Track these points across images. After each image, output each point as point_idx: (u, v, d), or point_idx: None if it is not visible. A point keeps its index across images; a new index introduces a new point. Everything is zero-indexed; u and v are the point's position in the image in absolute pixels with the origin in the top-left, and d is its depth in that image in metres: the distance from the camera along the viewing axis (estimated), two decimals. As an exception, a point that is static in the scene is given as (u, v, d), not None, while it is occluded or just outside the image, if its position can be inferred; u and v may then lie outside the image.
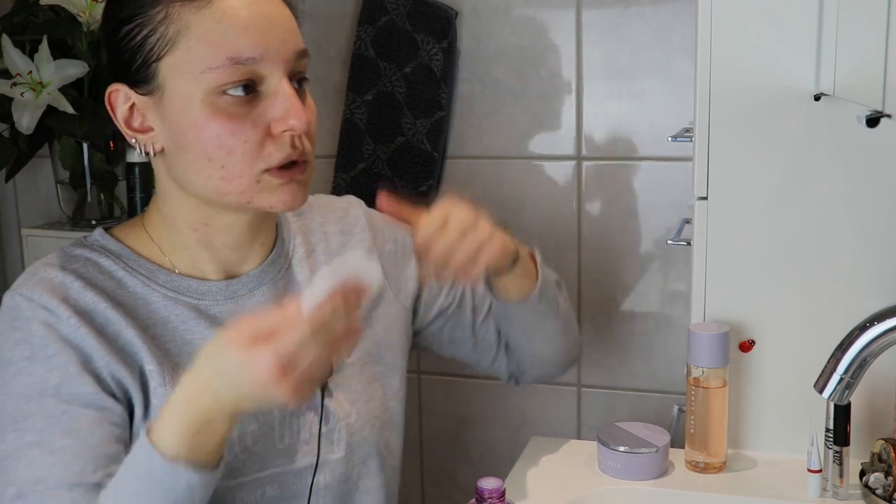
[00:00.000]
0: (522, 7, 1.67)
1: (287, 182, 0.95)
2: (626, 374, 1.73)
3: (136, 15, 0.92)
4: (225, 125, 0.91)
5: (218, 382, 0.81)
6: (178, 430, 0.82)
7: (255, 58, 0.91)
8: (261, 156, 0.93)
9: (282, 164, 0.94)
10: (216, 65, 0.90)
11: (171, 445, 0.82)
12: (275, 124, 0.93)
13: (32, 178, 1.99)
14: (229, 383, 0.81)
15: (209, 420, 0.83)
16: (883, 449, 1.07)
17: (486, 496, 0.87)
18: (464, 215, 1.03)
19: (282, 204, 0.96)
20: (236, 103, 0.92)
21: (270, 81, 0.93)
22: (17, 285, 0.97)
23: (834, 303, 1.13)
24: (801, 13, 1.08)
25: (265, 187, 0.94)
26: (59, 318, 0.93)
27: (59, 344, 0.92)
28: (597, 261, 1.71)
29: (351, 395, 1.08)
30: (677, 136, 1.38)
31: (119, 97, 0.95)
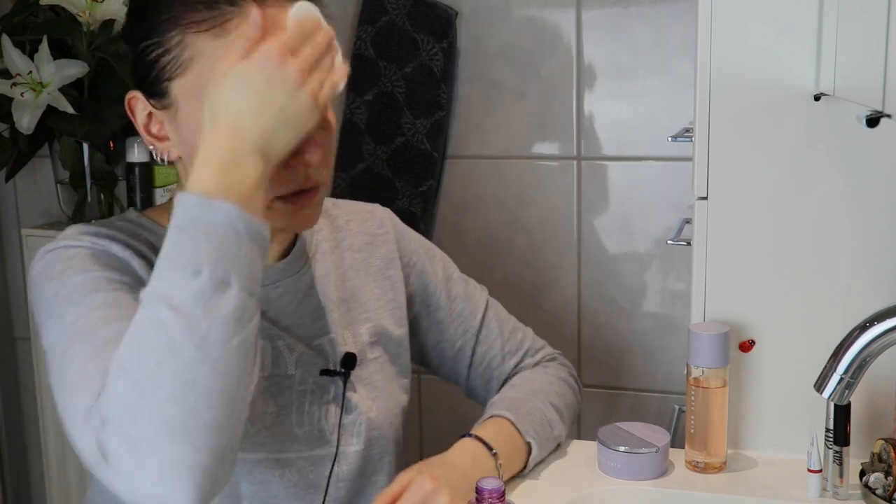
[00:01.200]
0: (522, 7, 1.67)
1: (298, 209, 0.96)
2: (626, 374, 1.73)
3: (152, 34, 0.92)
4: None
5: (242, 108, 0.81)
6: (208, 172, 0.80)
7: None
8: (270, 186, 0.89)
9: (294, 193, 0.94)
10: None
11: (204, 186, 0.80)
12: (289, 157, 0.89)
13: (32, 178, 1.99)
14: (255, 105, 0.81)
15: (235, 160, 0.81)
16: (883, 449, 1.07)
17: (485, 496, 0.87)
18: (419, 492, 0.98)
19: (295, 226, 0.98)
20: None
21: None
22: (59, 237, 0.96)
23: (834, 303, 1.13)
24: (801, 13, 1.08)
25: (277, 213, 0.94)
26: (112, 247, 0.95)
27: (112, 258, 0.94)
28: (597, 261, 1.71)
29: (373, 392, 1.09)
30: (677, 136, 1.38)
31: (138, 104, 0.96)
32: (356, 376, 1.07)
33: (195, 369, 0.76)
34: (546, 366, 1.23)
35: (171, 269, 0.79)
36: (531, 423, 1.11)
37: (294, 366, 1.03)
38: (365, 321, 1.11)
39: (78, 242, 0.95)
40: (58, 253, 0.95)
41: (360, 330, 1.10)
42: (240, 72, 0.82)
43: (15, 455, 2.14)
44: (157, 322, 0.77)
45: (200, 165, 0.81)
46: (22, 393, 2.13)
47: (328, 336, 1.07)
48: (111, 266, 0.93)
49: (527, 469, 1.12)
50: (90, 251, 0.95)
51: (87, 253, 0.94)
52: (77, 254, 0.94)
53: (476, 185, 1.75)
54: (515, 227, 1.75)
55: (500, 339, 1.22)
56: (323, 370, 1.05)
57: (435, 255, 1.22)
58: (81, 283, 0.91)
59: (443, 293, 1.19)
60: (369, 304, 1.12)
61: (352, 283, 1.12)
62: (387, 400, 1.10)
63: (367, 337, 1.11)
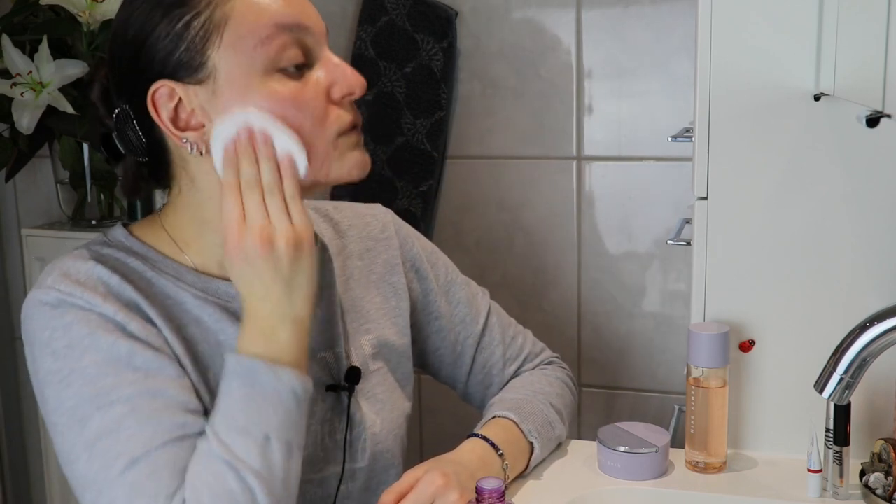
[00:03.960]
0: (522, 7, 1.67)
1: (357, 145, 0.97)
2: (626, 374, 1.74)
3: (174, 5, 0.90)
4: (288, 101, 0.92)
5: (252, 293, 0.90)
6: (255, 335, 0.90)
7: (300, 24, 0.93)
8: (328, 122, 0.94)
9: (351, 127, 0.96)
10: (266, 34, 0.91)
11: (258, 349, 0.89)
12: (334, 88, 0.95)
13: (32, 178, 1.99)
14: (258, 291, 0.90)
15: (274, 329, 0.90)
16: (883, 449, 1.07)
17: (485, 496, 0.87)
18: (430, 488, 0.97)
19: (358, 168, 0.98)
20: (291, 79, 0.92)
21: (316, 53, 0.95)
22: (50, 283, 0.92)
23: (834, 303, 1.13)
24: (801, 13, 1.08)
25: (342, 151, 0.96)
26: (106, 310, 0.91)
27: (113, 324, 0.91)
28: (597, 261, 1.71)
29: (376, 405, 1.07)
30: (677, 136, 1.38)
31: (163, 95, 0.91)
32: (359, 390, 1.05)
33: None
34: (544, 368, 1.23)
35: (244, 436, 0.87)
36: (533, 424, 1.11)
37: None
38: (366, 332, 1.09)
39: (71, 297, 0.91)
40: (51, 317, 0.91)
41: (362, 341, 1.08)
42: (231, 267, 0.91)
43: (15, 455, 2.14)
44: (241, 488, 0.86)
45: (251, 326, 0.90)
46: (22, 393, 2.13)
47: (333, 349, 1.04)
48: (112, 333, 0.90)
49: (528, 469, 1.12)
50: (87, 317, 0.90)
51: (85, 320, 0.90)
52: (75, 322, 0.90)
53: (476, 185, 1.75)
54: (515, 227, 1.75)
55: (502, 346, 1.21)
56: (329, 386, 1.02)
57: (437, 260, 1.20)
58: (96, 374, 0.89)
59: (444, 299, 1.18)
60: (371, 315, 1.10)
61: (353, 292, 1.09)
62: (391, 411, 1.09)
63: (369, 348, 1.08)
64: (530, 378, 1.20)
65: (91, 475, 0.87)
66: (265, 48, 0.91)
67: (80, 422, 0.88)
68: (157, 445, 0.86)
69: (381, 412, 1.07)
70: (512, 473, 1.08)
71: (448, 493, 0.96)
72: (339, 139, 0.95)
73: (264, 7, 0.91)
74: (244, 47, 0.90)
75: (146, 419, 0.87)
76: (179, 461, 0.87)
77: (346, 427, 1.03)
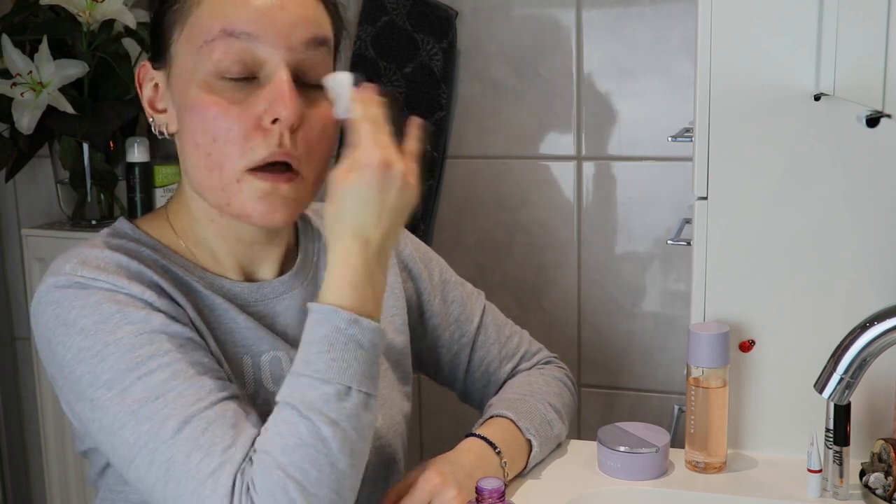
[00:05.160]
0: (522, 7, 1.67)
1: (270, 189, 0.91)
2: (626, 374, 1.74)
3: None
4: (213, 108, 0.89)
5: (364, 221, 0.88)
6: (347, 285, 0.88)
7: (250, 33, 0.89)
8: (244, 149, 0.89)
9: (265, 164, 0.90)
10: (211, 37, 0.89)
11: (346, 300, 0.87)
12: (263, 114, 0.89)
13: (32, 178, 1.99)
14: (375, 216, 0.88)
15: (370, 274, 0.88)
16: (883, 449, 1.07)
17: (485, 496, 0.87)
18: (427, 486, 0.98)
19: (258, 215, 0.92)
20: (232, 88, 0.90)
21: (269, 67, 0.90)
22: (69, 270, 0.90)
23: (834, 303, 1.13)
24: (801, 13, 1.08)
25: (245, 190, 0.91)
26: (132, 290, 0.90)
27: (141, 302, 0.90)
28: (597, 261, 1.71)
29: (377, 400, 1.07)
30: (677, 136, 1.38)
31: (146, 74, 0.97)
32: None
33: (346, 480, 0.85)
34: (542, 368, 1.23)
35: (326, 384, 0.85)
36: (531, 423, 1.11)
37: None
38: None
39: (95, 282, 0.89)
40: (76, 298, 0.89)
41: None
42: (353, 186, 0.87)
43: (15, 455, 2.14)
44: (319, 437, 0.83)
45: (339, 277, 0.88)
46: (22, 393, 2.13)
47: None
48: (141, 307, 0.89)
49: (527, 468, 1.12)
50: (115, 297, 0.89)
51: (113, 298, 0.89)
52: (103, 301, 0.88)
53: (476, 185, 1.75)
54: (515, 227, 1.75)
55: (498, 345, 1.21)
56: None
57: (431, 260, 1.20)
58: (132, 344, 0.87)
59: (438, 298, 1.18)
60: None
61: None
62: (390, 408, 1.09)
63: None
64: (528, 378, 1.20)
65: (142, 440, 0.85)
66: (206, 51, 0.90)
67: (121, 392, 0.86)
68: (206, 405, 0.86)
69: (382, 408, 1.08)
70: (511, 472, 1.08)
71: (445, 490, 0.96)
72: (246, 174, 0.90)
73: (220, 10, 0.90)
74: (192, 46, 0.91)
75: (190, 381, 0.86)
76: (230, 417, 0.86)
77: None
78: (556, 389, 1.19)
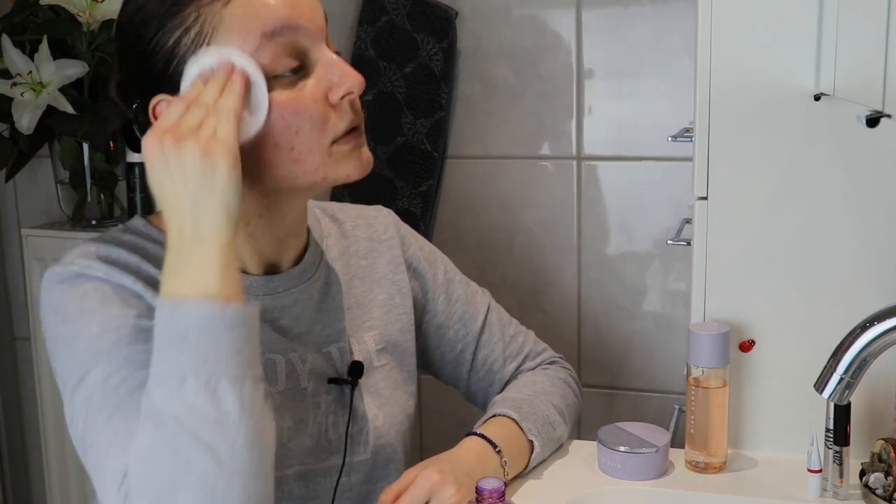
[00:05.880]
0: (522, 7, 1.67)
1: (356, 147, 0.95)
2: (626, 375, 1.74)
3: (165, 20, 0.90)
4: (286, 107, 0.91)
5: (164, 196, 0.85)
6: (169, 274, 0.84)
7: (290, 27, 0.90)
8: (326, 129, 0.93)
9: (347, 131, 0.94)
10: (255, 45, 0.89)
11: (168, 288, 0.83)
12: (333, 91, 0.93)
13: (32, 178, 1.99)
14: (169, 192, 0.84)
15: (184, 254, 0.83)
16: (883, 449, 1.07)
17: (485, 496, 0.87)
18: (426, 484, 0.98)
19: (358, 170, 0.96)
20: (287, 83, 0.91)
21: (313, 54, 0.93)
22: (69, 260, 0.94)
23: (834, 303, 1.13)
24: (801, 13, 1.08)
25: (337, 158, 0.94)
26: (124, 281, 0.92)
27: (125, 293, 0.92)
28: (597, 261, 1.71)
29: (379, 399, 1.09)
30: (677, 136, 1.38)
31: (163, 108, 0.92)
32: (363, 385, 1.06)
33: (211, 479, 0.78)
34: (546, 368, 1.23)
35: (161, 381, 0.81)
36: (534, 423, 1.11)
37: (307, 378, 1.02)
38: (369, 329, 1.10)
39: (91, 271, 0.92)
40: (71, 286, 0.92)
41: (366, 338, 1.09)
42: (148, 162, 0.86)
43: (15, 455, 2.14)
44: (162, 440, 0.79)
45: (165, 267, 0.85)
46: (22, 393, 2.13)
47: (337, 344, 1.06)
48: (126, 303, 0.91)
49: (528, 468, 1.12)
50: (103, 288, 0.92)
51: (101, 290, 0.92)
52: (91, 290, 0.92)
53: (476, 185, 1.75)
54: (515, 227, 1.75)
55: (502, 344, 1.21)
56: (331, 378, 1.04)
57: (436, 259, 1.21)
58: (98, 334, 0.89)
59: (443, 297, 1.19)
60: (374, 312, 1.11)
61: (357, 290, 1.11)
62: (393, 407, 1.10)
63: (373, 345, 1.10)
64: (532, 378, 1.20)
65: (81, 429, 0.87)
66: (257, 58, 0.90)
67: (80, 379, 0.88)
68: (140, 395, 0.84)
69: (384, 407, 1.08)
70: (511, 472, 1.08)
71: (444, 488, 0.97)
72: (334, 146, 0.94)
73: (251, 16, 0.89)
74: None
75: (136, 370, 0.87)
76: None
77: (349, 420, 1.04)
78: (560, 390, 1.19)
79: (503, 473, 1.06)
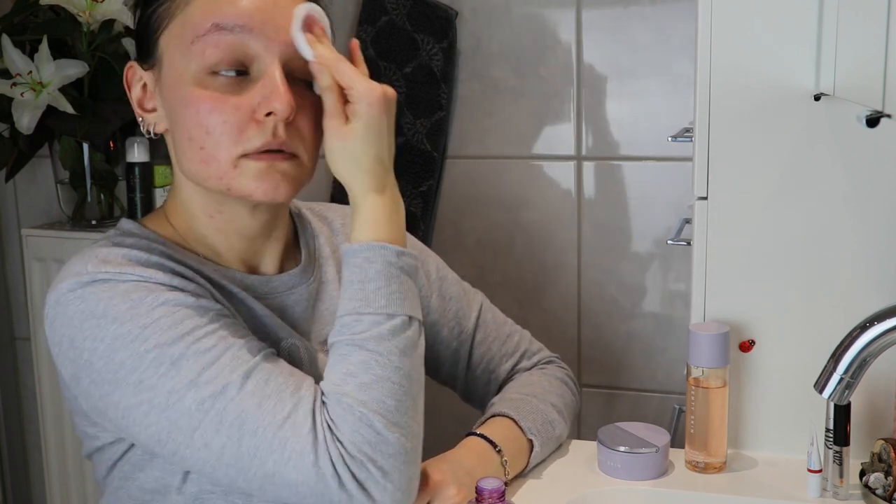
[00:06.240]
0: (522, 7, 1.67)
1: (266, 168, 0.91)
2: (626, 374, 1.74)
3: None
4: (206, 104, 0.90)
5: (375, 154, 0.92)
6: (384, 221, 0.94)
7: (242, 26, 0.89)
8: (239, 139, 0.90)
9: (260, 150, 0.91)
10: (202, 32, 0.89)
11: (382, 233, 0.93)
12: (259, 106, 0.90)
13: (32, 178, 1.99)
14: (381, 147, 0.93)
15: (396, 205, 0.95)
16: (883, 449, 1.07)
17: (485, 496, 0.87)
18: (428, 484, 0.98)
19: (261, 192, 0.92)
20: (226, 84, 0.90)
21: (262, 62, 0.91)
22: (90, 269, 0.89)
23: (834, 303, 1.13)
24: (801, 13, 1.08)
25: (243, 173, 0.91)
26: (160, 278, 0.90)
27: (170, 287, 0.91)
28: (597, 261, 1.71)
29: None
30: (677, 136, 1.38)
31: (134, 75, 0.97)
32: None
33: (419, 407, 0.92)
34: (543, 368, 1.23)
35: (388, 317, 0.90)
36: (533, 422, 1.11)
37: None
38: None
39: (121, 276, 0.89)
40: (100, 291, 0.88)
41: None
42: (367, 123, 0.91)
43: (15, 455, 2.14)
44: (394, 369, 0.89)
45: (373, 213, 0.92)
46: (22, 393, 2.13)
47: None
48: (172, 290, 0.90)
49: (527, 468, 1.12)
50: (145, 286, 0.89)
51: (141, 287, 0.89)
52: (131, 290, 0.88)
53: (476, 185, 1.75)
54: (515, 227, 1.75)
55: (497, 342, 1.21)
56: None
57: (427, 258, 1.21)
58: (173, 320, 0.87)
59: (436, 295, 1.18)
60: None
61: None
62: None
63: None
64: (529, 378, 1.20)
65: (206, 404, 0.85)
66: (199, 47, 0.90)
67: (172, 365, 0.86)
68: (260, 359, 0.89)
69: None
70: (512, 471, 1.08)
71: (444, 488, 0.97)
72: (243, 160, 0.91)
73: (213, 6, 0.90)
74: (183, 42, 0.91)
75: (237, 343, 0.89)
76: (285, 367, 0.90)
77: None
78: (559, 390, 1.19)
79: (504, 473, 1.06)
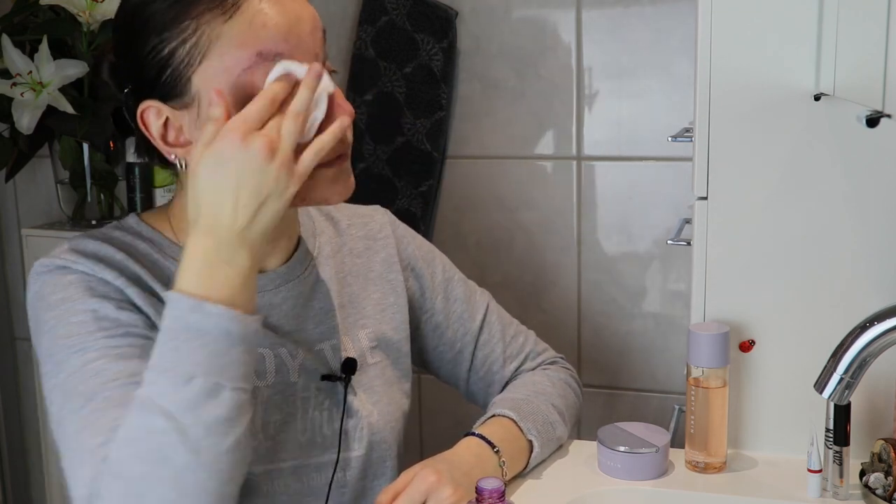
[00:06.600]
0: (522, 7, 1.67)
1: (337, 171, 0.95)
2: (626, 375, 1.73)
3: (162, 30, 0.90)
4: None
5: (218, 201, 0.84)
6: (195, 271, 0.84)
7: (282, 53, 0.90)
8: None
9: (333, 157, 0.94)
10: (248, 64, 0.89)
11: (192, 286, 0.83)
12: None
13: (32, 178, 1.99)
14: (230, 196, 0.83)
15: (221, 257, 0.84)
16: (883, 449, 1.07)
17: (485, 496, 0.87)
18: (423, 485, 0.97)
19: (338, 195, 0.96)
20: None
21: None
22: (56, 254, 0.96)
23: (834, 303, 1.13)
24: (801, 13, 1.08)
25: (318, 181, 0.93)
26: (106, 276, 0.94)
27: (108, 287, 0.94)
28: (597, 261, 1.71)
29: (373, 396, 1.09)
30: (677, 136, 1.38)
31: (151, 114, 0.93)
32: (357, 381, 1.07)
33: (188, 476, 0.81)
34: (547, 368, 1.23)
35: (163, 375, 0.82)
36: (533, 423, 1.11)
37: (297, 373, 1.03)
38: (363, 327, 1.11)
39: (75, 265, 0.95)
40: (55, 276, 0.95)
41: (360, 335, 1.10)
42: (208, 161, 0.85)
43: (15, 455, 2.14)
44: (150, 429, 0.81)
45: (187, 264, 0.84)
46: (22, 393, 2.13)
47: (330, 341, 1.07)
48: (107, 297, 0.94)
49: (527, 469, 1.12)
50: (86, 280, 0.94)
51: (84, 281, 0.94)
52: (74, 281, 0.94)
53: (476, 185, 1.75)
54: (515, 227, 1.75)
55: (502, 343, 1.21)
56: (324, 375, 1.04)
57: (434, 258, 1.21)
58: (79, 323, 0.92)
59: (441, 296, 1.19)
60: (368, 310, 1.12)
61: (351, 288, 1.12)
62: (388, 404, 1.10)
63: (367, 342, 1.10)
64: (532, 378, 1.20)
65: (56, 413, 0.91)
66: (247, 75, 0.90)
67: (57, 365, 0.91)
68: (117, 386, 0.88)
69: (378, 404, 1.09)
70: (510, 472, 1.08)
71: (441, 488, 0.97)
72: (318, 170, 0.91)
73: (249, 36, 0.89)
74: (228, 77, 0.90)
75: (113, 363, 0.89)
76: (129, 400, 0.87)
77: (342, 416, 1.04)
78: (561, 391, 1.19)
79: (501, 473, 1.06)
